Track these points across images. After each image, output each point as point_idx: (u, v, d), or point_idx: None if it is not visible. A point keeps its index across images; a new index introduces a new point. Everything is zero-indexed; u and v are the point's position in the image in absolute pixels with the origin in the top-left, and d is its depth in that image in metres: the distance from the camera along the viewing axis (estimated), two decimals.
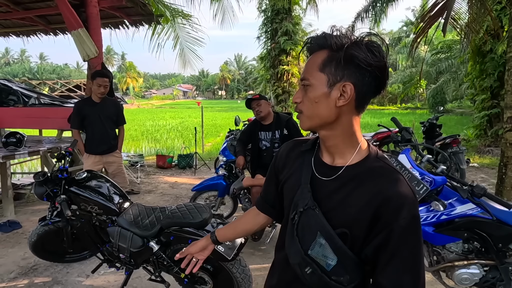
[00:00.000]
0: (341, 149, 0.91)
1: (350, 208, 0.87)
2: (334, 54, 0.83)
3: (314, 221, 0.88)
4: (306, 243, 0.89)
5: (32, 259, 3.27)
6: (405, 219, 0.82)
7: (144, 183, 6.29)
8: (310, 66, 0.87)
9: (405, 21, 41.49)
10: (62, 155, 2.71)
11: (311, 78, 0.86)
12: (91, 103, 3.80)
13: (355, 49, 0.81)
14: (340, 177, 0.90)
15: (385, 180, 0.86)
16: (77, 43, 5.15)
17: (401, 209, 0.82)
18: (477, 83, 9.28)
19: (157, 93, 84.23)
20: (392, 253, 0.83)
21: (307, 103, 0.88)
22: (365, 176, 0.87)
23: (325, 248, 0.86)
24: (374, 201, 0.84)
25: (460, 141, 5.67)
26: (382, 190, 0.84)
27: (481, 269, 2.22)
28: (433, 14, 5.07)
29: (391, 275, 0.83)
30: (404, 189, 0.84)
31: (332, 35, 0.84)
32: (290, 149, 1.07)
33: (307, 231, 0.89)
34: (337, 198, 0.89)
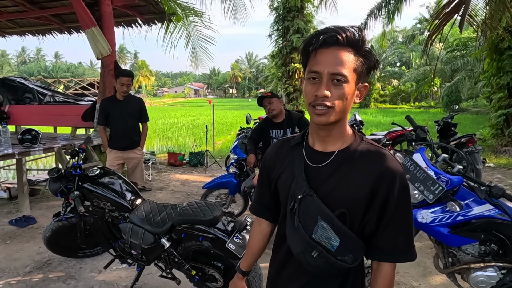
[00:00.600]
0: (336, 137, 0.98)
1: (347, 189, 0.94)
2: (358, 57, 0.91)
3: (313, 207, 0.94)
4: (308, 228, 0.95)
5: (47, 253, 3.33)
6: (397, 189, 0.93)
7: (156, 180, 6.34)
8: (345, 64, 0.88)
9: (419, 18, 40.79)
10: (76, 152, 2.75)
11: (348, 75, 0.89)
12: (115, 101, 3.96)
13: (375, 56, 0.93)
14: (333, 161, 0.97)
15: (376, 158, 0.94)
16: (90, 42, 5.22)
17: (393, 181, 0.92)
18: (494, 81, 9.05)
19: (168, 91, 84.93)
20: (389, 220, 0.95)
21: (339, 99, 0.90)
22: (356, 158, 0.95)
23: (327, 231, 0.92)
24: (370, 178, 0.93)
25: (476, 140, 5.53)
26: (375, 167, 0.93)
27: (498, 272, 2.15)
28: (448, 10, 4.97)
29: (387, 239, 0.96)
30: (394, 163, 0.94)
31: (360, 38, 0.90)
32: (279, 147, 1.12)
33: (308, 217, 0.95)
34: (333, 182, 0.96)
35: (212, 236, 2.23)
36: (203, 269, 2.46)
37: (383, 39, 17.50)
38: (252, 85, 77.70)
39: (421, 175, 2.12)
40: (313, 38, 0.91)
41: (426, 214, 2.13)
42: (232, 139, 12.57)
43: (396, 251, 0.97)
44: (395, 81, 37.59)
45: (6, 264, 3.20)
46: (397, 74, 35.88)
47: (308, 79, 0.92)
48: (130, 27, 6.81)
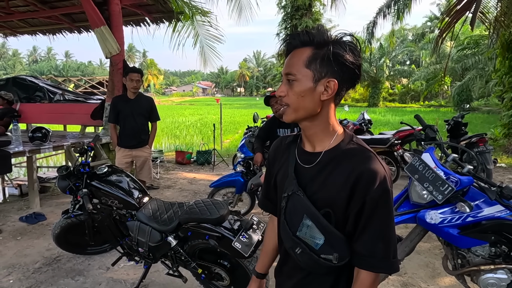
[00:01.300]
0: (320, 136, 0.99)
1: (331, 189, 0.94)
2: (319, 52, 0.90)
3: (299, 204, 0.96)
4: (294, 226, 0.97)
5: (56, 250, 3.37)
6: (376, 192, 0.89)
7: (164, 178, 6.38)
8: (295, 62, 0.92)
9: (429, 16, 40.26)
10: (84, 150, 2.78)
11: (297, 73, 0.92)
12: (125, 99, 4.00)
13: (339, 48, 0.90)
14: (320, 161, 0.98)
15: (358, 158, 0.93)
16: (99, 40, 5.26)
17: (372, 183, 0.89)
18: (506, 80, 8.89)
19: (177, 90, 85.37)
20: (366, 223, 0.92)
21: (293, 97, 0.94)
22: (341, 158, 0.95)
23: (311, 229, 0.93)
24: (350, 179, 0.91)
25: (487, 140, 5.44)
26: (355, 168, 0.92)
27: (509, 274, 2.12)
28: (460, 8, 4.89)
29: (365, 244, 0.92)
30: (375, 165, 0.91)
31: (316, 33, 0.91)
32: (278, 145, 1.16)
33: (294, 214, 0.97)
34: (319, 181, 0.97)
35: (218, 235, 2.23)
36: (209, 268, 2.47)
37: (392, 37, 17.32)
38: (260, 84, 77.59)
39: (430, 175, 2.09)
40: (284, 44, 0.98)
41: (435, 215, 2.10)
42: (240, 137, 12.59)
43: (373, 258, 0.92)
44: (404, 80, 37.16)
45: (17, 260, 3.25)
46: (407, 72, 35.46)
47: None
48: (139, 26, 6.86)
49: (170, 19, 6.60)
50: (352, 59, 0.90)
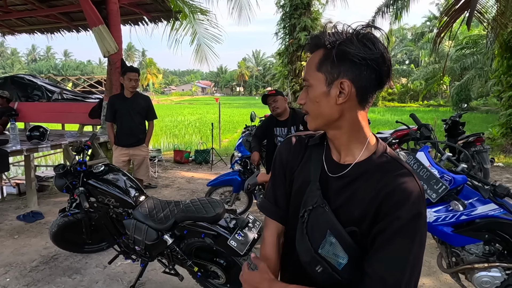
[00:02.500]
0: (348, 146, 0.90)
1: (357, 205, 0.85)
2: (329, 53, 0.83)
3: (323, 219, 0.87)
4: (316, 241, 0.86)
5: (53, 248, 3.38)
6: (406, 212, 0.79)
7: (162, 177, 6.38)
8: (309, 67, 0.87)
9: (428, 16, 40.28)
10: (81, 149, 2.78)
11: (310, 78, 0.86)
12: (123, 98, 4.01)
13: (347, 44, 0.80)
14: (348, 174, 0.88)
15: (391, 175, 0.83)
16: (97, 39, 5.27)
17: (403, 203, 0.79)
18: (504, 80, 8.91)
19: (176, 89, 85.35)
20: (385, 243, 0.80)
21: (310, 104, 0.88)
22: (372, 172, 0.86)
23: (335, 247, 0.84)
24: (379, 196, 0.82)
25: (484, 139, 5.46)
26: (386, 185, 0.82)
27: (502, 272, 2.13)
28: (458, 7, 4.90)
29: (378, 266, 0.79)
30: (410, 184, 0.81)
31: (325, 33, 0.84)
32: (293, 145, 1.03)
33: (317, 230, 0.87)
34: (345, 195, 0.87)
35: (214, 233, 2.24)
36: (205, 266, 2.48)
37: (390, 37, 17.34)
38: (259, 83, 77.60)
39: (425, 174, 2.10)
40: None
41: (429, 213, 2.12)
42: (238, 137, 12.60)
43: (382, 285, 0.78)
44: (403, 79, 37.21)
45: (14, 259, 3.26)
46: (406, 72, 35.51)
47: None
48: (137, 25, 6.87)
49: (169, 18, 6.61)
50: (364, 54, 0.79)
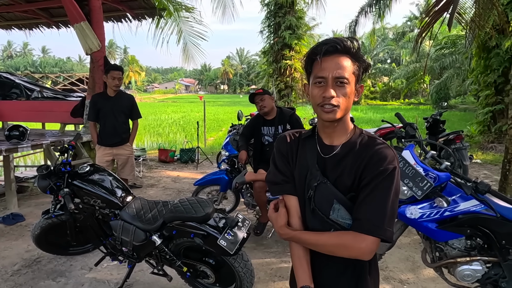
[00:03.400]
0: (341, 132, 1.13)
1: (348, 175, 1.08)
2: (358, 64, 1.08)
3: (327, 192, 1.09)
4: (325, 210, 1.09)
5: (36, 251, 3.30)
6: (385, 168, 1.02)
7: (147, 177, 6.30)
8: (344, 68, 1.05)
9: (409, 16, 41.09)
10: (65, 149, 2.71)
11: (349, 78, 1.05)
12: (106, 97, 3.93)
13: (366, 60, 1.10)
14: (339, 153, 1.12)
15: (370, 146, 1.08)
16: (79, 37, 5.14)
17: (382, 161, 1.03)
18: (482, 79, 9.21)
19: (159, 87, 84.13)
20: (369, 193, 1.03)
21: (343, 98, 1.06)
22: (356, 148, 1.09)
23: (341, 211, 1.07)
24: (363, 163, 1.06)
25: (463, 137, 5.63)
26: (367, 153, 1.06)
27: (483, 265, 2.21)
28: (438, 9, 5.01)
29: (364, 210, 1.03)
30: (385, 149, 1.06)
31: (355, 45, 1.07)
32: (289, 140, 1.23)
33: (324, 201, 1.10)
34: (339, 170, 1.10)
35: (204, 233, 2.23)
36: (194, 266, 2.47)
37: (372, 36, 17.63)
38: (244, 82, 77.46)
39: (410, 172, 2.15)
40: (316, 48, 1.06)
41: (414, 210, 2.17)
42: (224, 135, 12.55)
43: (368, 222, 1.02)
44: (385, 78, 37.90)
45: None
46: (387, 71, 36.17)
47: (315, 84, 1.07)
48: (120, 22, 6.73)
49: (153, 15, 6.50)
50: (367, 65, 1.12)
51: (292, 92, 13.05)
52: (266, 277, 2.96)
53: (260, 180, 3.39)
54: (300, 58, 12.29)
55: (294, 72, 12.72)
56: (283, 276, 2.98)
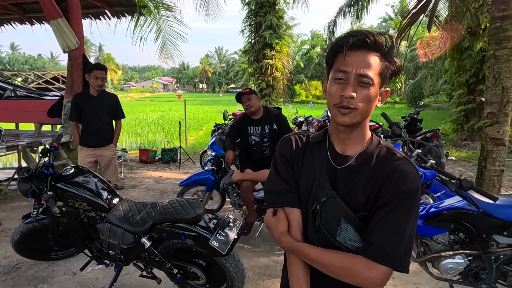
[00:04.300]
0: (356, 140, 0.99)
1: (362, 191, 0.94)
2: (388, 65, 0.93)
3: (337, 209, 0.95)
4: (332, 229, 0.96)
5: (15, 257, 3.17)
6: (407, 189, 0.89)
7: (128, 178, 6.17)
8: (370, 67, 0.90)
9: (383, 17, 42.12)
10: (47, 150, 2.62)
11: (374, 78, 0.90)
12: (88, 96, 3.82)
13: (399, 62, 0.94)
14: (353, 164, 0.97)
15: (388, 161, 0.94)
16: (56, 34, 4.97)
17: (404, 180, 0.90)
18: (455, 79, 9.58)
19: (136, 85, 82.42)
20: (385, 215, 0.89)
21: (363, 100, 0.91)
22: (372, 161, 0.95)
23: (350, 232, 0.94)
24: (380, 179, 0.92)
25: (440, 135, 5.85)
26: (386, 169, 0.93)
27: (465, 258, 2.30)
28: (416, 11, 5.18)
29: (379, 234, 0.89)
30: (407, 165, 0.92)
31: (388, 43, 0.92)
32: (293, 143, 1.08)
33: (332, 218, 0.96)
34: (351, 183, 0.96)
35: (195, 234, 2.22)
36: (184, 267, 2.45)
37: None
38: (223, 80, 77.12)
39: None
40: (342, 40, 0.91)
41: None
42: (205, 134, 12.47)
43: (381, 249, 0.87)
44: None
45: None
46: None
47: (334, 80, 0.93)
48: (98, 19, 6.54)
49: (132, 13, 6.37)
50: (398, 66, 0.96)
51: (273, 91, 13.12)
52: (255, 276, 2.97)
53: (247, 180, 3.39)
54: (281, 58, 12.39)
55: (275, 71, 12.80)
56: (272, 275, 3.00)
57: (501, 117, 3.58)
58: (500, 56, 3.55)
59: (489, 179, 3.72)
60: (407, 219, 0.89)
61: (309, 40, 37.73)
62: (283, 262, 3.33)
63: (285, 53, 12.97)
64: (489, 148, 3.68)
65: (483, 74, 8.70)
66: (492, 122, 3.63)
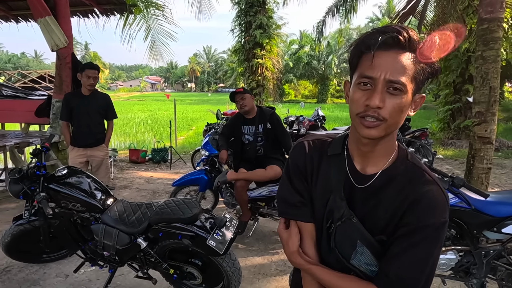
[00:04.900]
0: (381, 154, 0.86)
1: (383, 213, 0.85)
2: (423, 66, 0.77)
3: (352, 231, 0.86)
4: (346, 252, 0.87)
5: (4, 260, 3.10)
6: (434, 221, 0.80)
7: (118, 178, 6.10)
8: (404, 70, 0.75)
9: (370, 18, 42.63)
10: (39, 151, 2.58)
11: (408, 85, 0.76)
12: (80, 96, 3.76)
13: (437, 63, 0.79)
14: (375, 182, 0.86)
15: (416, 183, 0.83)
16: (44, 32, 4.87)
17: (431, 211, 0.80)
18: (442, 79, 9.77)
19: (123, 85, 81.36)
20: (409, 247, 0.80)
21: (393, 111, 0.76)
22: (396, 181, 0.84)
23: (366, 256, 0.85)
24: (405, 204, 0.82)
25: (428, 134, 5.97)
26: (412, 193, 0.82)
27: (457, 254, 2.36)
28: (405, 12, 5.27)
29: (398, 267, 0.80)
30: (436, 192, 0.81)
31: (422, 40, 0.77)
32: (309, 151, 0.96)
33: (346, 241, 0.87)
34: (371, 204, 0.86)
35: (192, 234, 2.21)
36: (181, 267, 2.44)
37: (340, 37, 18.14)
38: (211, 80, 76.79)
39: None
40: (370, 38, 0.76)
41: None
42: (194, 134, 12.40)
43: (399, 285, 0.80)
44: None
45: None
46: None
47: (358, 84, 0.79)
48: (87, 18, 6.43)
49: (122, 11, 6.29)
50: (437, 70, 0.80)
51: (264, 91, 13.15)
52: (250, 275, 2.98)
53: (242, 179, 3.39)
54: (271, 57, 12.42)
55: (266, 71, 12.82)
56: (266, 274, 3.02)
57: (488, 116, 3.68)
58: (488, 57, 3.64)
59: (477, 176, 3.82)
60: (430, 254, 0.80)
61: (298, 40, 37.91)
62: (277, 261, 3.34)
63: (275, 53, 13.03)
64: (477, 146, 3.77)
65: (469, 74, 8.93)
66: (480, 121, 3.73)
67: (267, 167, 3.41)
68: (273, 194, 3.51)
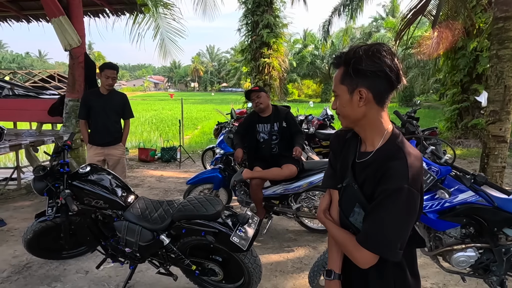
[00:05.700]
0: (370, 137, 1.12)
1: (369, 184, 1.08)
2: (347, 69, 1.05)
3: (353, 194, 1.13)
4: (347, 211, 1.16)
5: (24, 256, 3.14)
6: (389, 187, 1.00)
7: (129, 177, 6.13)
8: (335, 81, 1.11)
9: (374, 17, 42.50)
10: (61, 149, 2.61)
11: (337, 90, 1.11)
12: (98, 95, 3.81)
13: (359, 62, 1.02)
14: (367, 160, 1.12)
15: (392, 158, 1.04)
16: (57, 32, 4.92)
17: (389, 179, 1.01)
18: (449, 78, 9.74)
19: (127, 84, 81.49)
20: (373, 209, 1.03)
21: (340, 108, 1.12)
22: (381, 157, 1.07)
23: (361, 216, 1.10)
24: (378, 174, 1.04)
25: (438, 133, 5.96)
26: (386, 165, 1.03)
27: (476, 252, 2.37)
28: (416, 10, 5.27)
29: (366, 223, 1.06)
30: (399, 166, 1.01)
31: (344, 54, 1.08)
32: (338, 137, 1.30)
33: (348, 202, 1.15)
34: (363, 177, 1.11)
35: (215, 230, 2.24)
36: (202, 264, 2.47)
37: (345, 36, 18.15)
38: (215, 79, 76.87)
39: None
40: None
41: None
42: (200, 134, 12.44)
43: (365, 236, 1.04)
44: None
45: None
46: None
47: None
48: (97, 17, 6.48)
49: (132, 10, 6.34)
50: (372, 68, 1.01)
51: (271, 90, 13.15)
52: (267, 273, 3.00)
53: (257, 178, 3.42)
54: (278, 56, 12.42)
55: (272, 70, 12.83)
56: (284, 271, 3.04)
57: (503, 115, 3.68)
58: (503, 56, 3.65)
59: (491, 175, 3.82)
60: (389, 214, 1.00)
61: (301, 39, 37.88)
62: (293, 258, 3.39)
63: (282, 52, 13.03)
64: (491, 145, 3.78)
65: (477, 73, 8.90)
66: (494, 119, 3.73)
67: (283, 166, 3.43)
68: (287, 192, 3.53)
